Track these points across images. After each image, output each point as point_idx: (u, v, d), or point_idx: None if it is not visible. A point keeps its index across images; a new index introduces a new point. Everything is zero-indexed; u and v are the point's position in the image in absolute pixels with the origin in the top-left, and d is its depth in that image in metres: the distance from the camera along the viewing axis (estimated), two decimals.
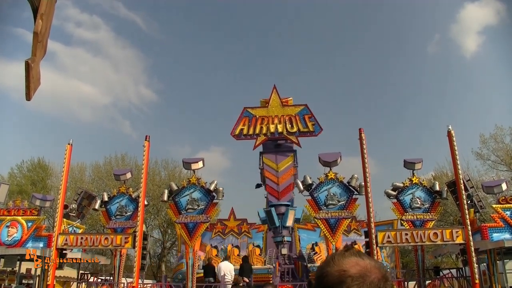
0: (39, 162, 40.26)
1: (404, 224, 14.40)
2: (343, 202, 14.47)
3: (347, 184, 14.64)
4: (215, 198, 15.12)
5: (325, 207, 14.46)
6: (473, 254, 13.11)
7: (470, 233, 13.31)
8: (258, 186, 20.63)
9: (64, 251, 14.79)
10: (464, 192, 14.08)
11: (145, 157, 15.01)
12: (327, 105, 66.62)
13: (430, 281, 17.39)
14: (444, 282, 16.88)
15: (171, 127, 71.00)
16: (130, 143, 63.48)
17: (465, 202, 13.75)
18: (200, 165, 15.61)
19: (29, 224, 15.57)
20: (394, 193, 14.66)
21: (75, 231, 18.00)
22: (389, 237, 13.72)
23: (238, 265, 15.36)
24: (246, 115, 17.59)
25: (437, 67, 68.15)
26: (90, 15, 71.66)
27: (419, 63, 70.65)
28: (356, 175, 14.80)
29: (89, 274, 19.90)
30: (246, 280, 15.15)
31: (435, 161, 48.16)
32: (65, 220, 17.37)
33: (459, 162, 14.24)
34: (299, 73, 74.77)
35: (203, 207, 14.88)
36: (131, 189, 16.11)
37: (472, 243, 13.24)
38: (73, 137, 16.80)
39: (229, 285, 14.52)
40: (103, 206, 15.88)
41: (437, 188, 14.68)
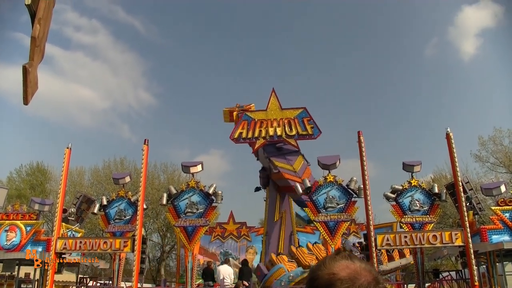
0: (38, 166, 40.25)
1: (403, 226, 14.41)
2: (342, 205, 14.46)
3: (346, 187, 14.65)
4: (214, 201, 15.10)
5: (324, 210, 14.46)
6: (473, 256, 13.11)
7: (469, 235, 13.31)
8: (258, 189, 20.60)
9: (63, 255, 14.78)
10: (463, 194, 14.10)
11: (144, 160, 15.01)
12: (326, 108, 66.65)
13: (429, 283, 17.39)
14: (443, 285, 16.88)
15: (170, 131, 70.96)
16: (129, 147, 63.38)
17: (464, 204, 13.75)
18: (199, 168, 15.61)
19: (28, 228, 15.54)
20: (393, 195, 14.67)
21: (74, 235, 17.97)
22: (388, 239, 13.72)
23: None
24: (245, 119, 17.58)
25: (435, 70, 68.26)
26: (89, 19, 71.71)
27: (417, 66, 70.71)
28: (355, 177, 14.80)
29: (88, 278, 19.89)
30: (246, 283, 15.14)
31: (434, 164, 48.05)
32: (64, 224, 17.34)
33: (458, 164, 14.27)
34: (297, 75, 74.90)
35: (202, 210, 14.87)
36: (130, 192, 16.10)
37: (471, 245, 13.24)
38: (72, 141, 16.80)
39: None
40: (102, 210, 15.85)
41: (436, 190, 14.68)
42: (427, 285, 16.73)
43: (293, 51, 77.99)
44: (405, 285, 17.19)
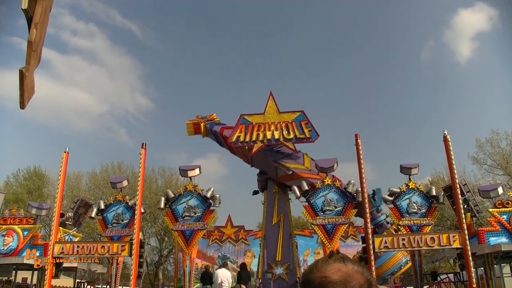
0: (35, 170, 40.15)
1: (401, 229, 14.41)
2: (340, 208, 14.47)
3: (344, 190, 14.66)
4: (212, 205, 15.09)
5: (322, 213, 14.46)
6: (470, 258, 13.12)
7: (467, 237, 13.32)
8: (255, 192, 20.58)
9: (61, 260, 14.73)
10: (460, 196, 14.12)
11: (141, 164, 14.98)
12: (323, 111, 66.87)
13: (427, 286, 17.39)
14: (442, 287, 16.88)
15: (167, 135, 70.99)
16: (126, 151, 63.42)
17: (461, 206, 13.77)
18: (196, 172, 15.61)
19: (25, 233, 15.48)
20: (390, 198, 14.69)
21: (71, 239, 17.92)
22: (386, 242, 13.72)
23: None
24: (243, 122, 17.55)
25: (431, 72, 68.60)
26: (86, 23, 71.88)
27: (414, 68, 71.07)
28: (352, 180, 14.82)
29: (86, 283, 19.79)
30: (244, 287, 15.12)
31: (432, 166, 48.32)
32: (61, 228, 17.29)
33: (455, 167, 14.29)
34: (295, 78, 75.04)
35: (200, 214, 14.85)
36: (127, 197, 16.06)
37: (469, 247, 13.25)
38: (69, 145, 16.74)
39: None
40: (99, 214, 15.80)
41: (434, 193, 14.70)
42: (425, 287, 16.72)
43: (292, 52, 78.24)
44: None
